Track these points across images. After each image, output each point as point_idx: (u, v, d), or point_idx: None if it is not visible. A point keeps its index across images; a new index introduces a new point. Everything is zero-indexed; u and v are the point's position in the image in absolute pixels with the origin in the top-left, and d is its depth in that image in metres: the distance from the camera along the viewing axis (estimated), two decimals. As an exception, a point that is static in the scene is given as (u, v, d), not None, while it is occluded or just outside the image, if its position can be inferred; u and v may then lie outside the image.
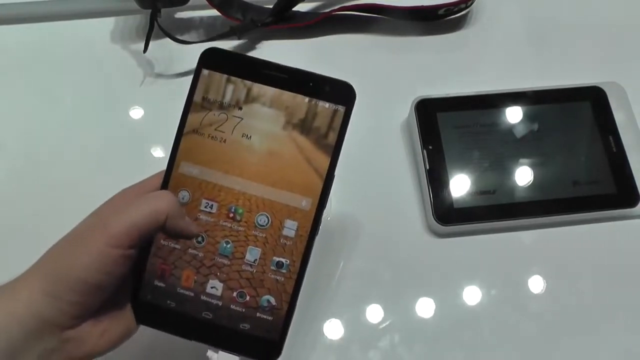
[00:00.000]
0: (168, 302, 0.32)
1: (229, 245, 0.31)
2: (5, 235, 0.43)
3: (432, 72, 0.51)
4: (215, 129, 0.31)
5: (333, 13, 0.51)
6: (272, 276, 0.31)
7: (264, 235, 0.31)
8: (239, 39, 0.51)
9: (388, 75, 0.51)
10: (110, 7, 0.53)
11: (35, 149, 0.48)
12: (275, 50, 0.52)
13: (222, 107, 0.31)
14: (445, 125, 0.46)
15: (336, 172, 0.31)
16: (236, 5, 0.51)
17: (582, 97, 0.47)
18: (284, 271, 0.31)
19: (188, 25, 0.54)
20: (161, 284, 0.32)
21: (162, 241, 0.32)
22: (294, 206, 0.31)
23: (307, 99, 0.31)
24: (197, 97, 0.32)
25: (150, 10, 0.49)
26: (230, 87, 0.31)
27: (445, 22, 0.53)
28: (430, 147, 0.45)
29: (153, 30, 0.49)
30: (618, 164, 0.45)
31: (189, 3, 0.51)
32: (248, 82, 0.31)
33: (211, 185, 0.31)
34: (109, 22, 0.53)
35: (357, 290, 0.42)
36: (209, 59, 0.32)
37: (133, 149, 0.48)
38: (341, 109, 0.31)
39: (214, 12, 0.51)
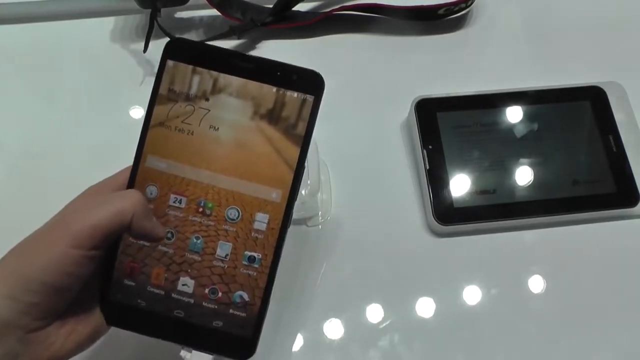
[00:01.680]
0: (138, 301, 0.31)
1: (199, 241, 0.31)
2: (4, 235, 0.43)
3: (432, 72, 0.51)
4: (182, 122, 0.31)
5: (333, 13, 0.51)
6: (244, 271, 0.31)
7: (235, 229, 0.31)
8: (238, 38, 0.51)
9: (388, 75, 0.51)
10: (110, 7, 0.53)
11: (35, 149, 0.48)
12: (275, 50, 0.52)
13: (188, 98, 0.31)
14: (445, 125, 0.46)
15: (336, 172, 0.31)
16: (236, 5, 0.51)
17: (582, 96, 0.47)
18: (256, 266, 0.31)
19: (188, 25, 0.54)
20: (131, 283, 0.31)
21: (130, 238, 0.31)
22: (265, 198, 0.31)
23: (274, 89, 0.30)
24: (163, 89, 0.31)
25: (150, 10, 0.49)
26: (196, 78, 0.31)
27: (445, 22, 0.53)
28: (430, 147, 0.45)
29: (153, 30, 0.49)
30: (618, 164, 0.45)
31: (189, 3, 0.51)
32: (214, 73, 0.31)
33: (179, 179, 0.31)
34: (109, 22, 0.53)
35: (357, 290, 0.42)
36: (174, 50, 0.31)
37: (133, 148, 0.47)
38: (310, 98, 0.30)
39: (214, 12, 0.51)
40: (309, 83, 0.30)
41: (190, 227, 0.31)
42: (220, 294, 0.31)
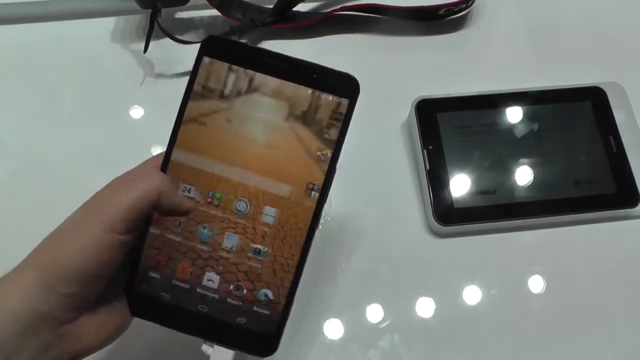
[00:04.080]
0: (163, 294, 0.31)
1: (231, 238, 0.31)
2: (5, 234, 0.43)
3: (432, 72, 0.51)
4: (215, 119, 0.31)
5: (333, 13, 0.51)
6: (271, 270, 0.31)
7: (264, 228, 0.31)
8: (239, 38, 0.51)
9: (388, 75, 0.51)
10: (110, 7, 0.53)
11: (35, 149, 0.48)
12: (275, 50, 0.51)
13: (222, 96, 0.31)
14: (445, 125, 0.46)
15: (336, 172, 0.31)
16: (236, 5, 0.51)
17: (582, 97, 0.47)
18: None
19: (188, 25, 0.53)
20: (156, 275, 0.31)
21: (159, 231, 0.31)
22: (295, 199, 0.31)
23: (310, 91, 0.30)
24: (198, 86, 0.31)
25: (150, 10, 0.49)
26: (231, 76, 0.31)
27: (446, 22, 0.53)
28: (430, 147, 0.45)
29: (153, 30, 0.49)
30: (618, 164, 0.45)
31: (189, 3, 0.51)
32: (250, 72, 0.31)
33: (210, 175, 0.31)
34: (109, 22, 0.53)
35: (357, 290, 0.42)
36: (211, 47, 0.31)
37: (133, 148, 0.47)
38: (344, 101, 0.31)
39: (214, 12, 0.51)
40: (345, 86, 0.31)
41: (219, 223, 0.31)
42: (245, 291, 0.31)
